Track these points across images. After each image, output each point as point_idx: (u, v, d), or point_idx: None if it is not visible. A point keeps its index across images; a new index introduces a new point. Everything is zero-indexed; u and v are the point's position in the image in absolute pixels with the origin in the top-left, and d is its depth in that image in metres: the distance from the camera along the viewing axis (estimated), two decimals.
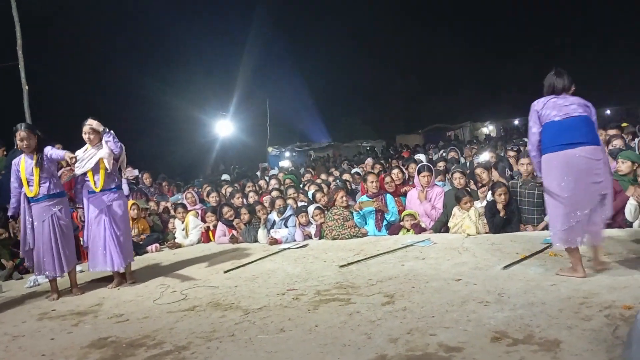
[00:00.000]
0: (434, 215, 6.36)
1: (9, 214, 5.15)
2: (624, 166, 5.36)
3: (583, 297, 3.22)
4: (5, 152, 7.53)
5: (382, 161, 12.12)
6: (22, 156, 4.92)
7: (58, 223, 4.90)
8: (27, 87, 10.61)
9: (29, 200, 4.88)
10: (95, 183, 5.12)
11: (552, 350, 2.53)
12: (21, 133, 4.84)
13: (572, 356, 2.45)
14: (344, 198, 6.80)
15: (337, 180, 8.72)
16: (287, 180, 9.60)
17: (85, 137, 5.12)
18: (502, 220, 5.64)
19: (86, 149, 5.17)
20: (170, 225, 8.14)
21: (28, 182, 4.85)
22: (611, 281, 3.49)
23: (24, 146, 4.84)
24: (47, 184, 4.88)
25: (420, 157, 10.09)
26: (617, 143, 6.61)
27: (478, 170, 6.65)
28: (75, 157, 4.87)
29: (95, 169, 5.11)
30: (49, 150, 4.92)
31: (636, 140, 6.35)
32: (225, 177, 14.42)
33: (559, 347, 2.56)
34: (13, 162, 5.03)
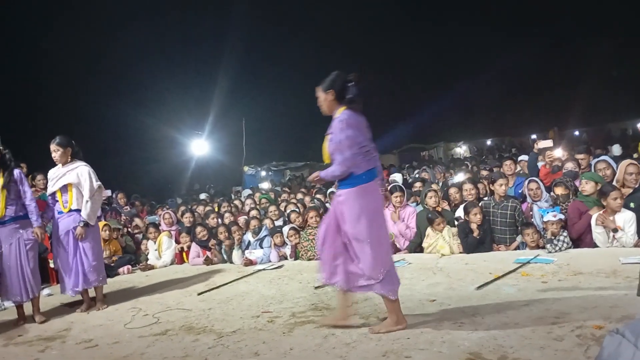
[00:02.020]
0: (409, 234, 6.40)
1: None
2: (587, 187, 5.51)
3: (555, 317, 3.27)
4: None
5: None
6: None
7: (25, 246, 4.74)
8: None
9: None
10: (64, 204, 5.03)
11: None
12: None
13: None
14: (315, 218, 6.78)
15: (315, 200, 8.71)
16: (263, 200, 9.55)
17: (52, 155, 5.05)
18: (476, 240, 5.71)
19: (58, 168, 5.09)
20: (142, 247, 7.99)
21: None
22: (581, 301, 3.55)
23: None
24: (14, 206, 4.75)
25: (395, 177, 10.17)
26: (568, 166, 6.75)
27: (452, 190, 6.74)
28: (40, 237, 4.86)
29: (63, 189, 5.02)
30: (20, 176, 4.82)
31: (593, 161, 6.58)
32: (203, 196, 14.24)
33: None
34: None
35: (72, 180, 4.98)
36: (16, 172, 4.82)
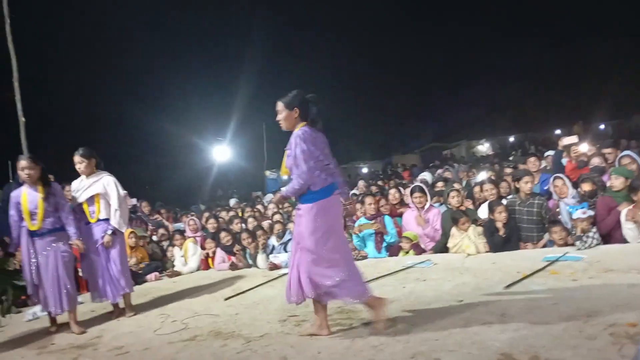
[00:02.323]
0: (434, 236, 6.35)
1: (10, 250, 5.01)
2: (617, 182, 5.40)
3: (586, 316, 3.20)
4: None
5: (379, 182, 12.12)
6: (23, 188, 4.78)
7: (61, 258, 4.77)
8: (23, 120, 10.64)
9: (31, 235, 4.73)
10: (90, 214, 5.09)
11: None
12: (22, 163, 4.73)
13: None
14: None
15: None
16: (286, 204, 9.57)
17: (76, 167, 5.11)
18: (502, 239, 5.64)
19: (82, 180, 5.17)
20: (168, 254, 8.09)
21: (31, 216, 4.71)
22: (613, 299, 3.47)
23: (26, 176, 4.72)
24: (51, 219, 4.77)
25: (425, 176, 10.02)
26: (594, 161, 6.63)
27: (476, 189, 6.64)
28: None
29: (90, 200, 5.09)
30: (58, 188, 4.88)
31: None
32: (233, 201, 14.28)
33: None
34: (12, 195, 4.90)
35: (99, 191, 5.06)
36: (54, 184, 4.87)
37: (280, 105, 3.68)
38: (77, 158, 5.08)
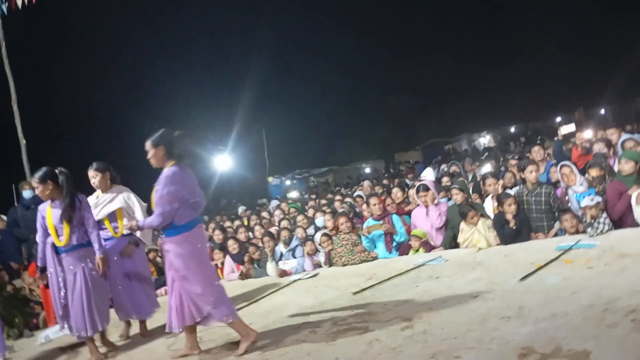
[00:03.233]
0: (443, 231, 6.30)
1: (39, 264, 4.63)
2: (627, 166, 5.32)
3: (605, 304, 3.15)
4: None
5: (384, 181, 12.06)
6: (49, 202, 4.54)
7: (90, 275, 4.47)
8: (24, 142, 10.65)
9: (58, 251, 4.47)
10: (114, 229, 4.90)
11: None
12: (33, 183, 4.57)
13: None
14: (346, 224, 6.69)
15: (346, 204, 8.63)
16: (292, 209, 9.53)
17: (91, 182, 4.95)
18: (513, 231, 5.57)
19: (98, 196, 5.00)
20: None
21: (57, 231, 4.45)
22: (631, 284, 3.42)
23: (40, 196, 4.52)
24: (77, 233, 4.49)
25: (426, 173, 9.96)
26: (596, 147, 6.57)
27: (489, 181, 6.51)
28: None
29: (112, 216, 4.92)
30: (82, 201, 4.57)
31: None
32: (241, 209, 14.20)
33: (589, 357, 2.50)
34: (39, 208, 4.65)
35: (121, 205, 4.91)
36: (81, 197, 4.58)
37: (147, 145, 3.87)
38: (91, 172, 4.91)
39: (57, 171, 4.54)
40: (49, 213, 4.50)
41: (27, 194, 7.95)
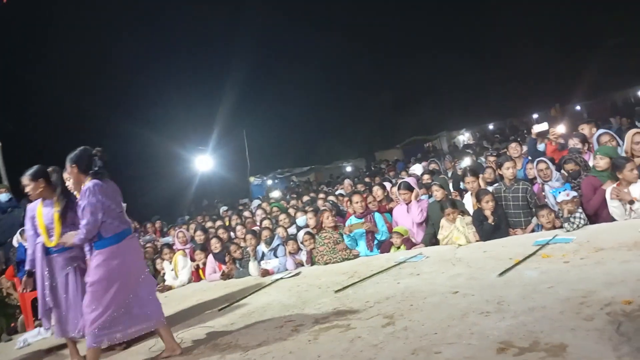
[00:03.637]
0: (424, 228, 6.36)
1: (26, 267, 4.53)
2: (602, 162, 5.42)
3: (582, 297, 3.21)
4: None
5: (366, 179, 12.11)
6: (39, 202, 4.45)
7: (81, 277, 4.32)
8: (0, 144, 10.46)
9: (48, 252, 4.38)
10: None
11: (560, 355, 2.50)
12: (23, 182, 4.42)
13: (580, 359, 2.42)
14: (330, 218, 6.75)
15: (329, 202, 8.65)
16: (275, 209, 9.51)
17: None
18: (491, 227, 5.65)
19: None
20: (158, 267, 7.98)
21: (48, 231, 4.34)
22: (607, 277, 3.49)
23: (30, 195, 4.42)
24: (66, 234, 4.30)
25: (415, 169, 10.01)
26: (571, 142, 6.68)
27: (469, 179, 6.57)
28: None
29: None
30: (75, 200, 4.38)
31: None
32: (224, 208, 14.10)
33: (566, 350, 2.53)
34: (28, 207, 4.55)
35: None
36: (73, 198, 4.46)
37: (67, 165, 3.95)
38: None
39: (49, 170, 4.46)
40: (40, 212, 4.40)
41: (3, 197, 7.81)
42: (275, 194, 16.63)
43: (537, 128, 6.90)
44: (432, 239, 6.18)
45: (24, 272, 5.62)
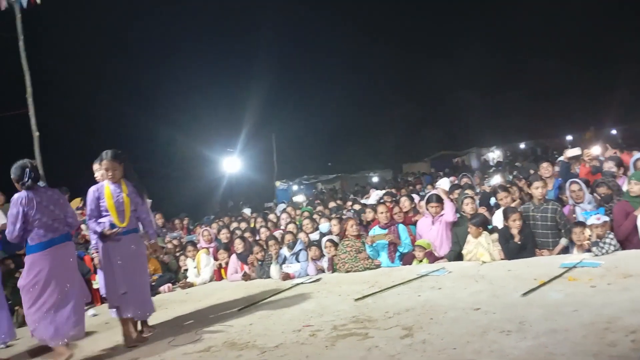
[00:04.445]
0: (448, 242, 6.30)
1: (100, 229, 4.51)
2: (636, 187, 5.30)
3: (606, 322, 3.15)
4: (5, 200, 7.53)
5: (392, 190, 12.05)
6: (105, 183, 4.60)
7: (143, 261, 4.68)
8: (37, 134, 10.78)
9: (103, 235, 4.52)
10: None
11: None
12: (104, 164, 4.57)
13: None
14: (355, 226, 6.73)
15: (352, 211, 8.66)
16: (305, 213, 9.54)
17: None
18: (517, 246, 5.57)
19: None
20: (181, 264, 8.10)
21: (118, 213, 4.51)
22: (633, 304, 3.41)
23: (109, 176, 4.57)
24: (133, 217, 4.64)
25: (442, 183, 9.93)
26: (606, 165, 6.56)
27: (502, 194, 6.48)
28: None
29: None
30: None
31: None
32: (247, 211, 14.23)
33: None
34: (92, 189, 4.64)
35: None
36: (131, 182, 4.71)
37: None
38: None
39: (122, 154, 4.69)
40: (109, 194, 4.54)
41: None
42: (299, 198, 16.69)
43: (570, 152, 6.78)
44: (456, 256, 6.11)
45: None
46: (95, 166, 5.00)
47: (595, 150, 6.83)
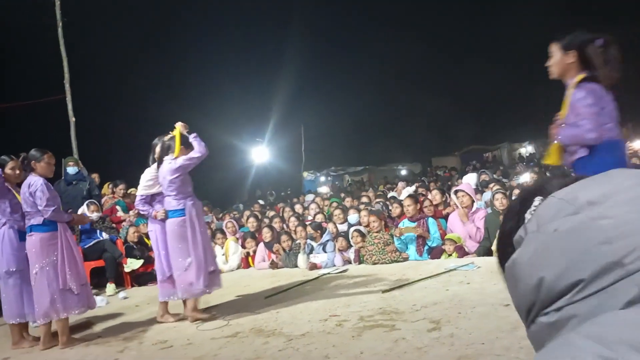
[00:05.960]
0: (478, 237, 6.22)
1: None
2: None
3: None
4: None
5: (423, 182, 11.95)
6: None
7: (208, 236, 5.17)
8: (74, 119, 11.04)
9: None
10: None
11: None
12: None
13: None
14: (376, 223, 6.64)
15: (380, 204, 8.62)
16: (334, 203, 9.54)
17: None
18: None
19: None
20: None
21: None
22: None
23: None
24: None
25: (469, 178, 9.82)
26: None
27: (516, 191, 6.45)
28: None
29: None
30: None
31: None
32: (260, 202, 14.41)
33: None
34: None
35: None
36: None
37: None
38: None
39: None
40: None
41: (71, 170, 8.14)
42: (324, 189, 16.71)
43: None
44: (486, 251, 6.03)
45: (87, 241, 5.98)
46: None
47: (637, 144, 6.60)
